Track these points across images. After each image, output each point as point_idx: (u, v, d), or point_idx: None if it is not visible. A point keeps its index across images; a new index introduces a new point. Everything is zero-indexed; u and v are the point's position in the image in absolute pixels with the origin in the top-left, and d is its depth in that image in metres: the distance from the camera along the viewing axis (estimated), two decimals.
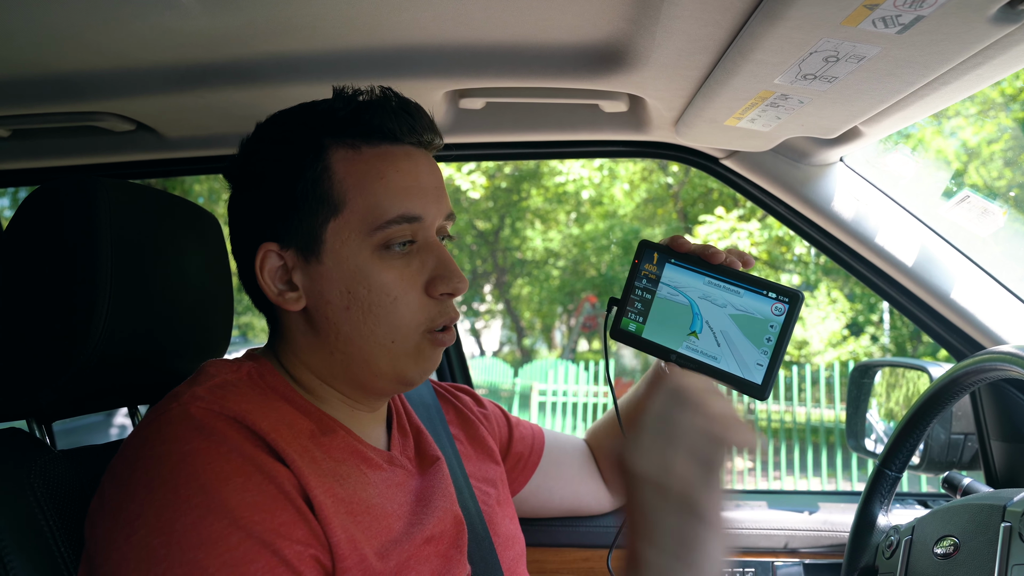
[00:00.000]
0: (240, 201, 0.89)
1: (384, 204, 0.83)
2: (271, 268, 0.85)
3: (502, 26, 1.01)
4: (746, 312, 0.82)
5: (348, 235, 0.83)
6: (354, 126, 0.85)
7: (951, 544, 0.97)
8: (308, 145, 0.85)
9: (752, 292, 0.83)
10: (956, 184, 6.68)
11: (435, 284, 0.86)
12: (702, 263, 0.86)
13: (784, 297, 0.81)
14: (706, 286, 0.85)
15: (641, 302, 0.88)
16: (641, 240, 0.89)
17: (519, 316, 15.83)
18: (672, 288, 0.87)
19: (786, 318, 0.81)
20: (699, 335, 0.85)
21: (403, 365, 0.86)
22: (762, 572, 1.44)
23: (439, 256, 0.87)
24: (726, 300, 0.84)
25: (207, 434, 0.74)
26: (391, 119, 0.85)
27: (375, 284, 0.83)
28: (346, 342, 0.85)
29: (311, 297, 0.85)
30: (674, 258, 0.87)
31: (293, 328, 0.88)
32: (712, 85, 1.02)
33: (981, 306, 1.32)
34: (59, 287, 0.88)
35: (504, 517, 1.05)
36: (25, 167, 1.48)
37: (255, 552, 0.69)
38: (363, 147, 0.85)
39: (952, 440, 1.35)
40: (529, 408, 9.16)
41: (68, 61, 1.08)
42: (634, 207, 12.44)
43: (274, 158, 0.86)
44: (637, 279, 0.89)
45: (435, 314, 0.86)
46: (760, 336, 0.82)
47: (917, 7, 0.72)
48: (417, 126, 0.88)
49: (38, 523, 0.80)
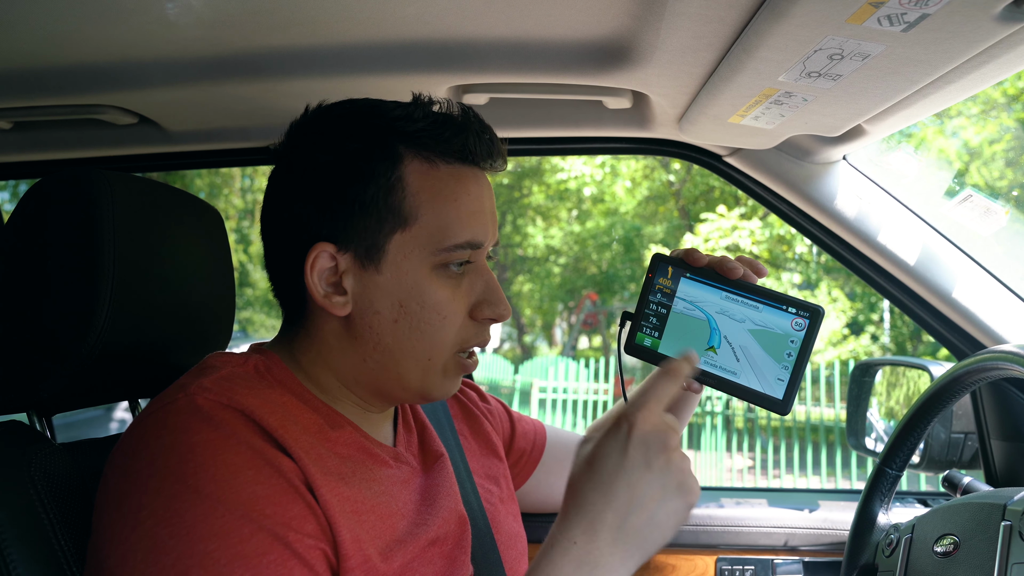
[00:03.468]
0: (289, 187, 0.85)
1: (454, 227, 0.82)
2: (321, 269, 0.82)
3: (506, 21, 1.01)
4: (766, 327, 0.82)
5: (412, 250, 0.82)
6: (433, 139, 0.82)
7: (951, 543, 0.97)
8: (383, 150, 0.82)
9: (771, 307, 0.82)
10: (958, 183, 6.68)
11: (481, 308, 0.86)
12: (718, 277, 0.85)
13: (804, 312, 0.81)
14: (724, 301, 0.84)
15: (656, 317, 0.88)
16: (655, 254, 0.88)
17: (520, 313, 15.83)
18: (688, 303, 0.86)
19: (807, 333, 0.80)
20: (718, 350, 0.84)
21: (431, 382, 0.86)
22: (762, 570, 1.44)
23: (488, 281, 0.87)
24: (745, 315, 0.83)
25: (215, 425, 0.73)
26: (474, 141, 0.84)
27: (429, 302, 0.82)
28: (384, 353, 0.84)
29: (359, 304, 0.83)
30: (689, 272, 0.86)
31: (326, 330, 0.86)
32: (716, 82, 1.02)
33: (982, 305, 1.32)
34: (60, 280, 0.88)
35: (507, 515, 1.04)
36: (27, 160, 1.48)
37: (267, 545, 0.69)
38: (440, 163, 0.83)
39: (952, 439, 1.35)
40: (529, 405, 9.16)
41: (70, 54, 1.08)
42: (636, 205, 12.43)
43: (343, 154, 0.82)
44: (652, 293, 0.88)
45: (471, 335, 0.86)
46: (780, 351, 0.81)
47: (922, 5, 0.72)
48: (494, 149, 0.86)
49: (38, 516, 0.80)
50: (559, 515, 0.74)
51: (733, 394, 0.84)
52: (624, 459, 0.71)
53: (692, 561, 1.44)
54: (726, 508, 1.48)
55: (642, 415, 0.73)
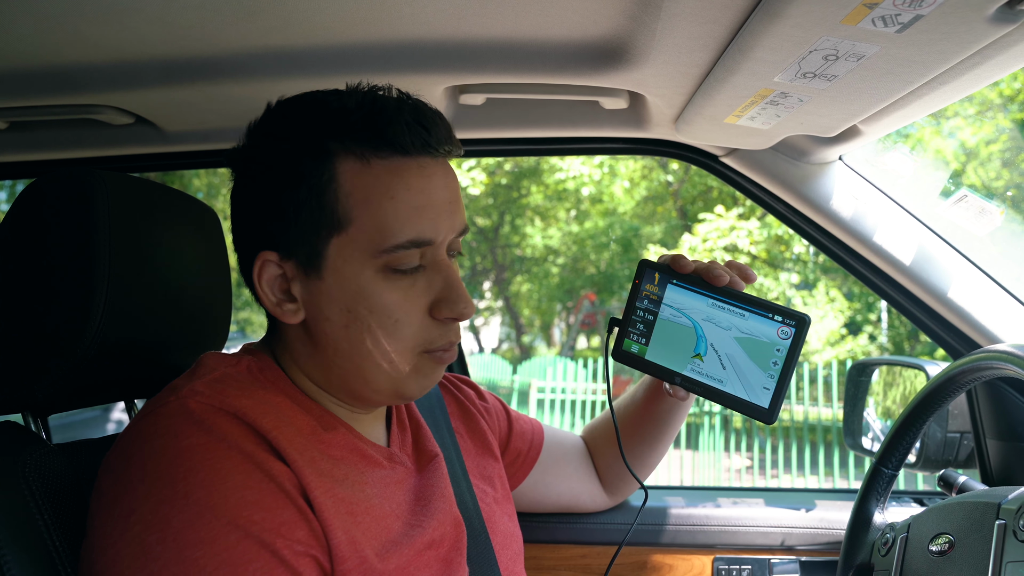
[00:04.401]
0: (241, 195, 0.84)
1: (393, 227, 0.78)
2: (270, 277, 0.81)
3: (502, 22, 1.01)
4: (752, 335, 0.81)
5: (352, 254, 0.78)
6: (364, 132, 0.78)
7: (946, 541, 0.97)
8: (313, 148, 0.78)
9: (758, 315, 0.81)
10: (954, 184, 6.68)
11: (440, 307, 0.82)
12: (704, 284, 0.84)
13: (791, 320, 0.80)
14: (710, 308, 0.84)
15: (643, 323, 0.87)
16: (642, 260, 0.88)
17: (518, 313, 15.82)
18: (675, 309, 0.85)
19: (793, 342, 0.79)
20: (704, 358, 0.83)
21: (401, 383, 0.84)
22: (758, 569, 1.44)
23: (447, 277, 0.82)
24: (731, 323, 0.82)
25: (206, 429, 0.73)
26: (405, 131, 0.78)
27: (377, 305, 0.79)
28: (344, 358, 0.82)
29: (310, 311, 0.81)
30: (676, 279, 0.86)
31: (291, 336, 0.85)
32: (712, 83, 1.02)
33: (978, 305, 1.32)
34: (56, 280, 0.88)
35: (502, 515, 1.04)
36: (23, 160, 1.48)
37: (253, 552, 0.69)
38: (373, 160, 0.78)
39: (948, 438, 1.35)
40: (528, 405, 9.16)
41: (67, 53, 1.08)
42: (634, 205, 12.43)
43: (275, 156, 0.80)
44: (638, 300, 0.87)
45: (435, 336, 0.83)
46: (766, 359, 0.81)
47: (916, 6, 0.72)
48: (431, 140, 0.80)
49: (33, 517, 0.80)
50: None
51: (719, 402, 0.83)
52: None
53: (689, 561, 1.44)
54: (723, 508, 1.48)
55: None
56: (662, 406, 1.14)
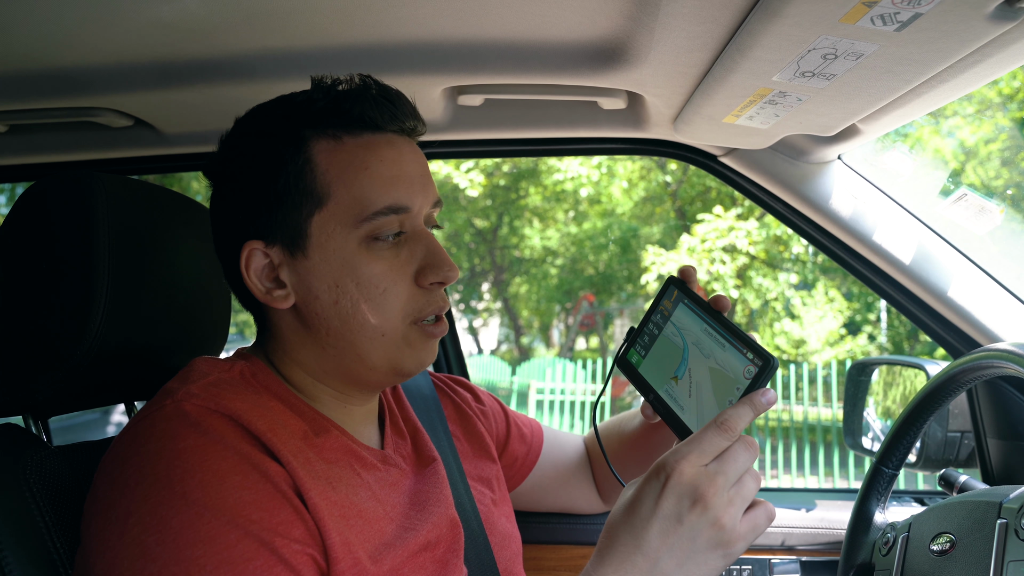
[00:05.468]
0: (221, 199, 0.87)
1: (370, 195, 0.82)
2: (257, 267, 0.83)
3: (501, 22, 1.01)
4: (722, 368, 0.78)
5: (334, 228, 0.81)
6: (334, 116, 0.83)
7: (947, 541, 0.97)
8: (288, 138, 0.83)
9: (734, 348, 0.78)
10: (954, 183, 6.69)
11: (424, 273, 0.84)
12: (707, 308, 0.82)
13: (758, 360, 0.76)
14: (701, 332, 0.81)
15: (649, 336, 0.86)
16: (671, 276, 0.87)
17: (517, 314, 15.83)
18: (676, 328, 0.84)
19: (751, 383, 0.75)
20: (679, 381, 0.81)
21: (396, 356, 0.85)
22: (759, 569, 1.44)
23: (428, 245, 0.85)
24: (711, 351, 0.80)
25: (203, 431, 0.73)
26: (371, 107, 0.83)
27: (363, 277, 0.82)
28: (337, 337, 0.83)
29: (300, 293, 0.83)
30: (688, 299, 0.84)
31: (283, 326, 0.86)
32: (710, 82, 1.02)
33: (978, 304, 1.32)
34: (56, 282, 0.88)
35: (500, 516, 1.04)
36: (22, 163, 1.48)
37: (253, 550, 0.69)
38: (344, 137, 0.83)
39: (949, 438, 1.35)
40: (527, 406, 9.16)
41: (65, 56, 1.08)
42: (632, 205, 12.44)
43: (253, 153, 0.84)
44: (655, 313, 0.87)
45: (423, 304, 0.85)
46: (725, 395, 0.77)
47: (915, 5, 0.72)
48: (399, 113, 0.85)
49: (33, 519, 0.80)
50: (595, 551, 0.74)
51: (673, 429, 0.80)
52: (657, 508, 0.70)
53: None
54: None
55: (680, 466, 0.70)
56: (654, 437, 1.15)
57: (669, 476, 0.70)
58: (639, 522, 0.71)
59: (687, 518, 0.69)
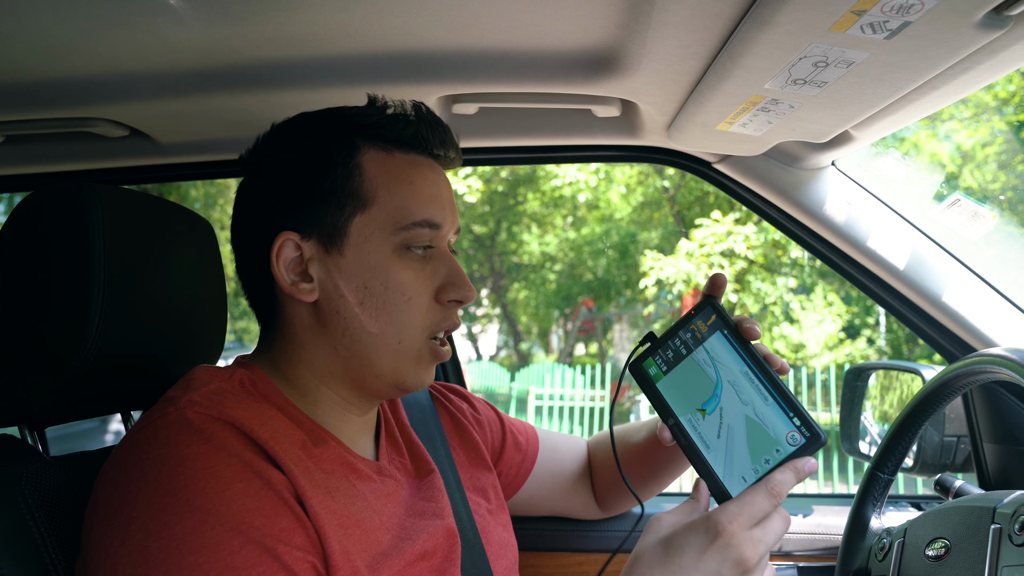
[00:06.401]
0: (256, 189, 0.90)
1: (411, 207, 0.86)
2: (286, 258, 0.86)
3: (495, 32, 1.01)
4: (762, 422, 0.77)
5: (372, 231, 0.85)
6: (387, 131, 0.88)
7: (942, 546, 0.97)
8: (341, 142, 0.87)
9: (780, 407, 0.77)
10: (948, 187, 6.71)
11: (446, 290, 0.88)
12: (751, 352, 0.81)
13: (807, 431, 0.76)
14: (740, 374, 0.80)
15: (674, 353, 0.84)
16: (709, 295, 0.85)
17: (516, 320, 15.82)
18: (709, 357, 0.82)
19: (795, 451, 0.75)
20: (707, 416, 0.80)
21: (403, 369, 0.87)
22: None
23: (451, 266, 0.90)
24: (751, 399, 0.79)
25: (205, 438, 0.73)
26: (425, 129, 0.90)
27: (392, 282, 0.85)
28: (352, 338, 0.85)
29: (325, 290, 0.85)
30: (728, 330, 0.82)
31: (296, 323, 0.88)
32: (703, 90, 1.03)
33: (973, 309, 1.32)
34: (51, 292, 0.88)
35: (497, 526, 1.04)
36: (18, 173, 1.48)
37: (256, 557, 0.69)
38: (395, 152, 0.89)
39: (945, 442, 1.35)
40: (526, 412, 9.15)
41: (62, 67, 1.08)
42: (630, 211, 12.45)
43: (302, 150, 0.88)
44: (684, 329, 0.84)
45: (440, 319, 0.88)
46: (761, 453, 0.77)
47: (904, 13, 0.73)
48: (447, 140, 0.92)
49: (29, 530, 0.80)
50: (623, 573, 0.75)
51: (693, 463, 0.80)
52: (700, 562, 0.71)
53: None
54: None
55: (732, 528, 0.72)
56: (660, 453, 1.15)
57: (719, 535, 0.71)
58: (679, 570, 0.72)
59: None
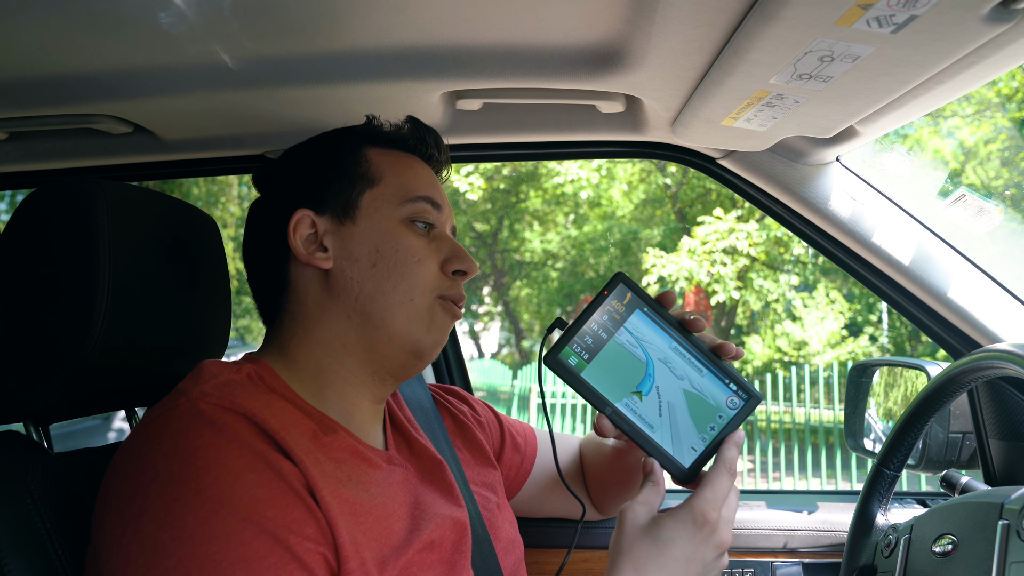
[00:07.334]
0: (278, 180, 0.98)
1: (414, 184, 0.96)
2: (303, 233, 0.92)
3: (499, 27, 1.01)
4: (700, 393, 0.79)
5: (381, 204, 0.93)
6: (387, 134, 1.01)
7: (949, 542, 0.97)
8: (350, 142, 0.98)
9: (714, 375, 0.80)
10: (953, 183, 6.69)
11: (451, 262, 0.94)
12: (677, 326, 0.81)
13: (744, 394, 0.79)
14: (670, 350, 0.81)
15: (593, 338, 0.81)
16: (618, 272, 0.83)
17: (518, 318, 15.82)
18: (633, 337, 0.81)
19: (737, 414, 0.79)
20: (644, 397, 0.80)
21: (417, 328, 0.90)
22: (761, 572, 1.44)
23: (453, 244, 0.97)
24: (685, 373, 0.80)
25: (217, 429, 0.74)
26: (421, 132, 1.02)
27: (403, 245, 0.92)
28: (366, 299, 0.89)
29: (338, 258, 0.91)
30: (648, 307, 0.81)
31: (308, 297, 0.91)
32: (708, 85, 1.03)
33: (978, 305, 1.32)
34: (56, 289, 0.88)
35: (504, 521, 1.04)
36: (22, 170, 1.48)
37: (268, 548, 0.69)
38: (395, 151, 1.00)
39: (950, 439, 1.35)
40: (528, 410, 9.16)
41: (65, 63, 1.08)
42: (632, 208, 12.45)
43: (315, 150, 0.99)
44: (599, 312, 0.82)
45: (447, 285, 0.94)
46: (705, 422, 0.79)
47: (910, 7, 0.72)
48: (439, 144, 1.05)
49: (35, 526, 0.80)
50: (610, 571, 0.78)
51: (640, 445, 0.80)
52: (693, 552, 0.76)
53: None
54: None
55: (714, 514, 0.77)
56: (628, 460, 1.15)
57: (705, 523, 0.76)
58: (673, 562, 0.76)
59: (712, 563, 0.78)
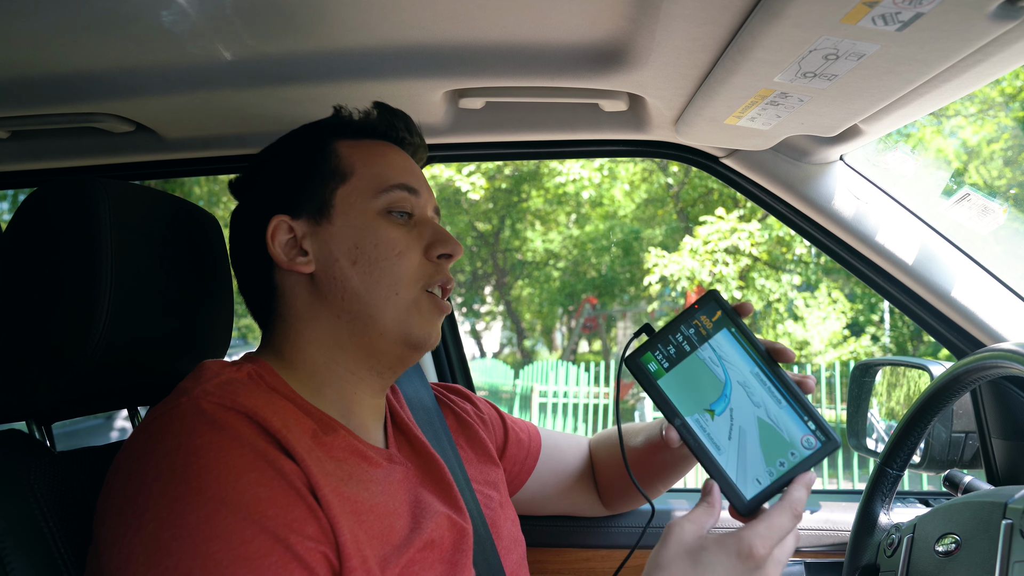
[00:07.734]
0: (253, 190, 0.96)
1: (387, 173, 0.94)
2: (281, 240, 0.91)
3: (502, 25, 1.01)
4: (776, 425, 0.77)
5: (356, 199, 0.92)
6: (354, 124, 0.98)
7: (952, 542, 0.97)
8: (317, 140, 0.96)
9: (793, 410, 0.77)
10: (956, 183, 6.68)
11: (434, 246, 0.93)
12: (762, 352, 0.80)
13: (822, 435, 0.76)
14: (751, 375, 0.79)
15: (676, 348, 0.82)
16: (713, 290, 0.83)
17: (519, 318, 15.83)
18: (716, 355, 0.80)
19: (812, 455, 0.75)
20: (716, 417, 0.79)
21: (406, 320, 0.90)
22: None
23: (435, 228, 0.95)
24: (763, 401, 0.78)
25: (219, 428, 0.74)
26: (389, 116, 1.00)
27: (382, 239, 0.90)
28: (352, 298, 0.88)
29: (319, 260, 0.90)
30: (736, 328, 0.81)
31: (296, 301, 0.91)
32: (712, 84, 1.02)
33: (982, 304, 1.32)
34: (59, 288, 0.88)
35: (506, 520, 1.04)
36: (24, 169, 1.48)
37: (269, 547, 0.69)
38: (364, 140, 0.97)
39: (953, 438, 1.35)
40: (530, 409, 9.16)
41: (67, 62, 1.08)
42: (634, 208, 12.44)
43: (287, 151, 0.97)
44: (686, 324, 0.82)
45: (432, 272, 0.93)
46: (775, 456, 0.76)
47: (916, 4, 0.72)
48: (410, 126, 1.02)
49: (38, 524, 0.80)
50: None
51: (704, 466, 0.79)
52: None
53: None
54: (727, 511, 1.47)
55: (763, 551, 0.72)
56: (657, 458, 1.14)
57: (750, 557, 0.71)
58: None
59: None
